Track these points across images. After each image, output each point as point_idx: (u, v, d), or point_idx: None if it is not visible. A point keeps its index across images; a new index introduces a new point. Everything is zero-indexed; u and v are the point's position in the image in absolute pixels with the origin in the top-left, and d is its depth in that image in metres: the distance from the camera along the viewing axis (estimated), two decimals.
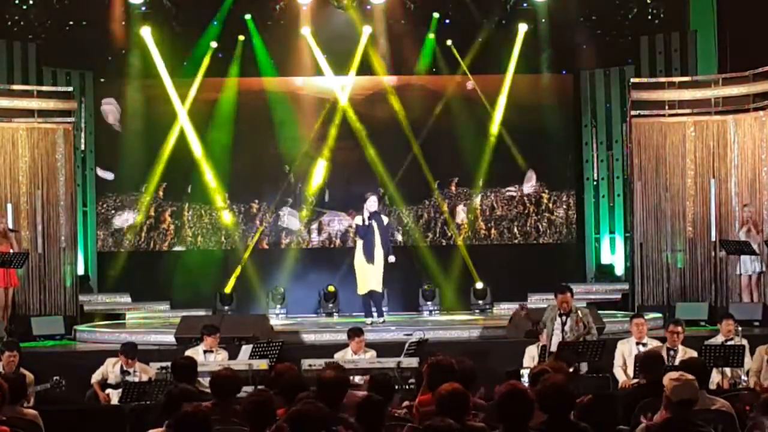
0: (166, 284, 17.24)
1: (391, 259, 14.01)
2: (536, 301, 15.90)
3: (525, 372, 8.81)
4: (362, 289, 14.17)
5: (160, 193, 17.90)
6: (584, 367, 10.55)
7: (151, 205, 17.89)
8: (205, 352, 11.07)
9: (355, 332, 11.30)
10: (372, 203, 14.07)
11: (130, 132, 17.88)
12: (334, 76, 17.77)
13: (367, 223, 13.92)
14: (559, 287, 11.02)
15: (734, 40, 16.15)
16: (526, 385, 7.65)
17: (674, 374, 5.93)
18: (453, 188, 18.24)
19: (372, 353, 11.23)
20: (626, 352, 10.96)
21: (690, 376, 5.93)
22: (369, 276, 14.02)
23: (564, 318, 10.81)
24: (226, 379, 6.79)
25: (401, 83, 18.07)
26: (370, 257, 13.95)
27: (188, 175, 17.79)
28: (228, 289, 17.12)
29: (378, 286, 14.14)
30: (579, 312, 10.95)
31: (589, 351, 10.43)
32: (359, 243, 14.12)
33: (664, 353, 10.24)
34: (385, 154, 17.89)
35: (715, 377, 10.14)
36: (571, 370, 10.02)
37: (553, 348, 10.77)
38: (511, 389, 5.42)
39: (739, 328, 11.25)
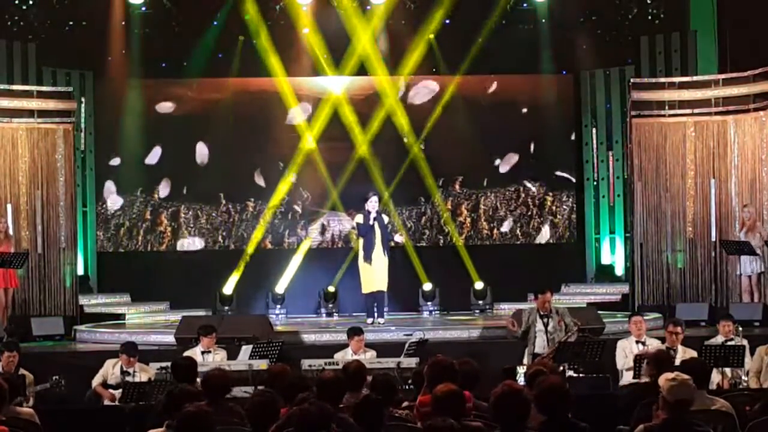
0: (166, 284, 17.23)
1: (399, 240, 14.08)
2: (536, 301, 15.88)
3: (521, 370, 8.81)
4: (365, 289, 14.17)
5: (159, 194, 17.89)
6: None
7: (150, 205, 17.88)
8: (203, 352, 11.07)
9: (355, 331, 11.30)
10: (373, 203, 14.08)
11: (130, 132, 17.87)
12: (334, 76, 17.76)
13: (371, 222, 13.93)
14: (540, 288, 11.07)
15: (734, 40, 16.15)
16: (522, 383, 7.67)
17: (670, 375, 5.92)
18: (457, 187, 18.25)
19: (372, 353, 11.23)
20: (627, 350, 10.97)
21: (686, 376, 5.93)
22: (372, 275, 14.03)
23: (546, 319, 10.85)
24: (216, 379, 6.81)
25: (402, 83, 18.04)
26: (368, 256, 13.96)
27: (187, 175, 17.78)
28: (229, 290, 17.10)
29: (383, 286, 14.16)
30: (558, 312, 10.99)
31: (589, 351, 10.43)
32: (361, 242, 14.14)
33: None
34: (385, 154, 17.88)
35: (715, 377, 10.14)
36: (560, 369, 10.06)
37: (537, 350, 10.79)
38: (506, 390, 5.42)
39: (740, 329, 11.25)
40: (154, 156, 17.73)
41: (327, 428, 5.38)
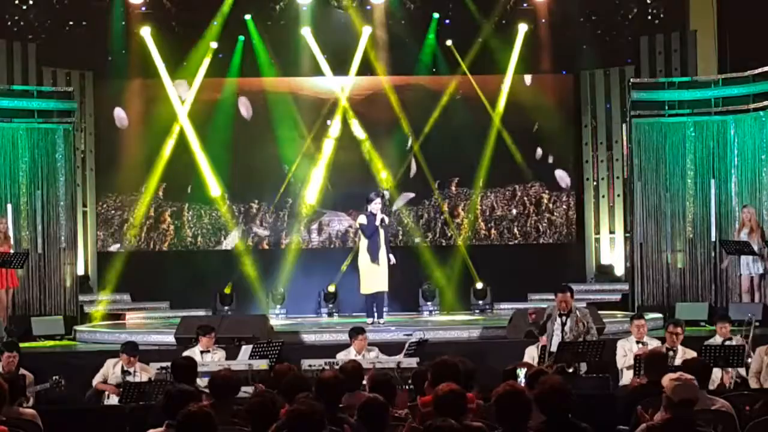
0: (166, 284, 17.23)
1: (392, 259, 14.02)
2: (536, 301, 15.92)
3: (521, 372, 8.79)
4: (367, 289, 14.13)
5: (160, 194, 17.90)
6: (583, 367, 10.55)
7: (151, 205, 17.89)
8: (201, 352, 11.07)
9: (357, 331, 11.27)
10: (377, 204, 14.05)
11: (130, 132, 17.90)
12: (334, 76, 17.77)
13: (378, 223, 13.89)
14: (560, 287, 11.03)
15: (734, 40, 16.15)
16: (523, 383, 7.68)
17: (674, 374, 5.97)
18: (453, 188, 18.24)
19: (375, 351, 11.21)
20: (627, 349, 10.99)
21: (689, 376, 5.98)
22: (375, 276, 13.99)
23: (564, 318, 10.82)
24: (225, 379, 6.83)
25: (401, 83, 18.07)
26: (374, 257, 13.93)
27: (188, 175, 17.79)
28: (229, 290, 17.10)
29: (385, 286, 14.13)
30: (578, 312, 10.96)
31: (589, 351, 10.43)
32: (364, 243, 14.09)
33: None
34: (385, 154, 17.89)
35: (717, 375, 10.16)
36: (570, 370, 10.06)
37: (554, 348, 10.77)
38: (509, 390, 5.44)
39: (743, 328, 11.26)
40: (153, 156, 17.68)
41: (323, 428, 5.38)
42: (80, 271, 16.24)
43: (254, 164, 17.93)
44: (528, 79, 18.20)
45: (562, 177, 18.30)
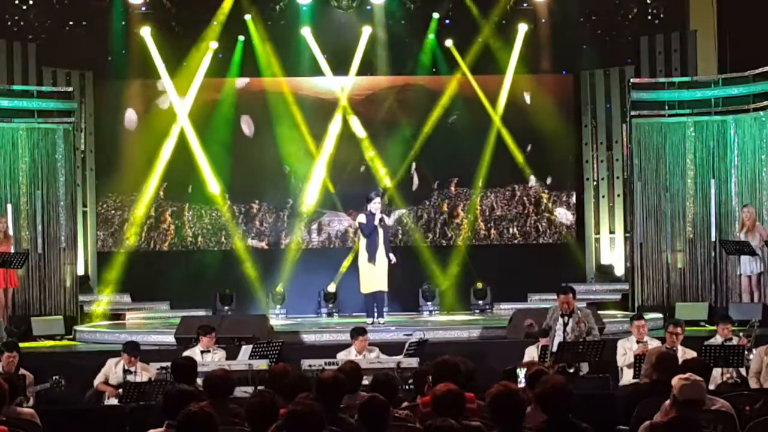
0: (166, 284, 17.23)
1: (392, 258, 14.00)
2: (536, 301, 15.93)
3: (521, 372, 8.81)
4: (366, 289, 14.12)
5: (161, 193, 17.90)
6: (585, 367, 10.56)
7: (152, 205, 17.88)
8: (202, 352, 11.07)
9: (359, 332, 11.26)
10: (377, 204, 14.04)
11: (130, 132, 17.90)
12: (334, 76, 17.78)
13: (376, 223, 13.87)
14: (561, 288, 11.04)
15: (734, 40, 16.15)
16: (522, 383, 7.68)
17: (684, 374, 6.03)
18: (453, 188, 18.24)
19: (376, 352, 11.21)
20: (627, 347, 11.00)
21: (698, 378, 6.03)
22: (374, 275, 13.97)
23: (566, 318, 10.83)
24: (219, 379, 6.84)
25: (401, 83, 18.07)
26: (372, 257, 13.92)
27: (188, 175, 17.78)
28: (228, 290, 17.09)
29: (384, 286, 14.12)
30: (580, 312, 10.97)
31: (589, 351, 10.43)
32: (363, 242, 14.08)
33: None
34: (385, 154, 17.89)
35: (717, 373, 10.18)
36: (571, 370, 10.07)
37: (555, 348, 10.78)
38: (502, 390, 5.45)
39: (745, 329, 11.27)
40: (153, 156, 17.66)
41: (320, 428, 5.37)
42: (80, 271, 16.25)
43: (254, 164, 17.94)
44: (527, 97, 18.20)
45: (564, 213, 18.29)
